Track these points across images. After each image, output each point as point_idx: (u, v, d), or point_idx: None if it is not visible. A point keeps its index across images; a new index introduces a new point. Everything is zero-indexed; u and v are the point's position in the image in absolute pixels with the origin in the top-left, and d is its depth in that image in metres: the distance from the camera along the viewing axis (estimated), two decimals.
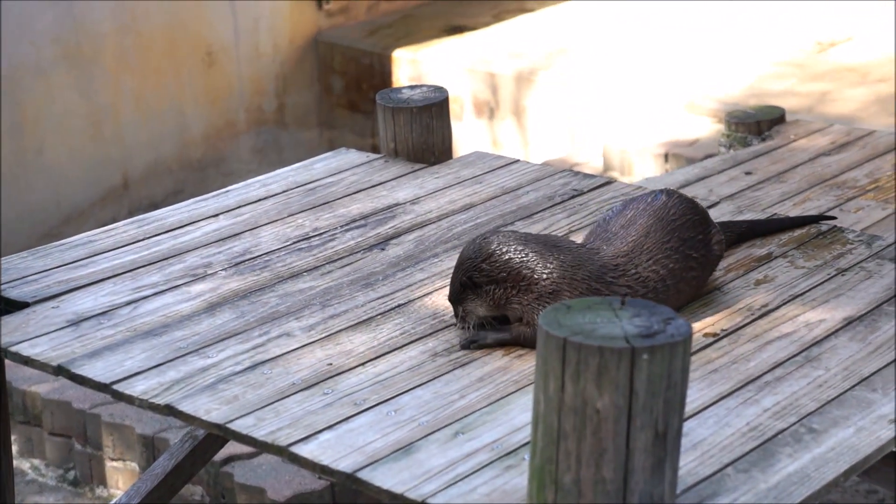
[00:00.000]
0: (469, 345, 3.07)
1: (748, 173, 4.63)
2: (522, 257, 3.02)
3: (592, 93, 7.31)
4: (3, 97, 7.19)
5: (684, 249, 3.10)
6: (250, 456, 5.01)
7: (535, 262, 3.01)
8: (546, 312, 2.42)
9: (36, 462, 5.61)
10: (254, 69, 8.20)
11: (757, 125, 5.06)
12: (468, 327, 3.10)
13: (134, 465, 5.25)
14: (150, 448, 5.20)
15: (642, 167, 6.58)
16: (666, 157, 6.53)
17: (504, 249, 3.03)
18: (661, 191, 3.22)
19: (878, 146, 4.81)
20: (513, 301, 3.03)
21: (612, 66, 7.53)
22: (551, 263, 3.01)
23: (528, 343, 3.03)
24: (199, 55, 7.96)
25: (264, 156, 8.29)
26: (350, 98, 8.36)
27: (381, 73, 8.16)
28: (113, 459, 5.34)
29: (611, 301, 2.44)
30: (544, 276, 3.00)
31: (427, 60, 7.95)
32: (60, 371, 3.09)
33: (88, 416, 5.39)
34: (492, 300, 3.04)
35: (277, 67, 8.29)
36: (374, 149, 8.25)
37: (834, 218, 3.64)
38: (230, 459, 4.99)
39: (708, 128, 6.85)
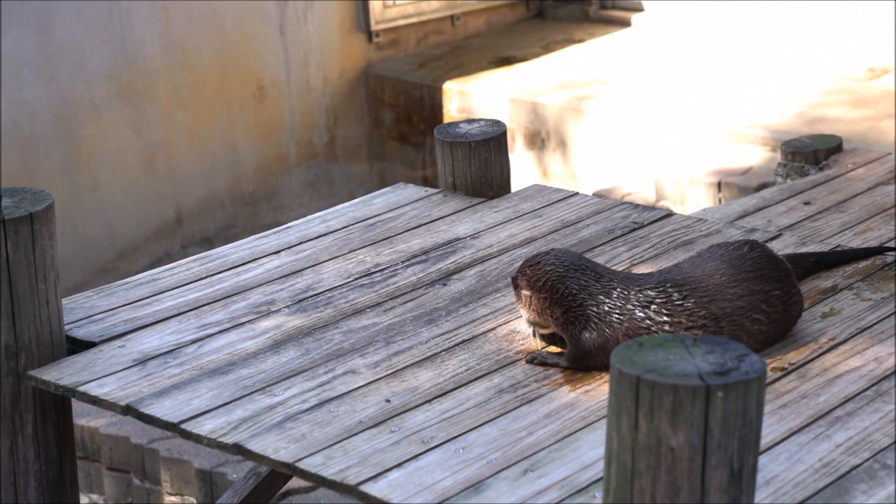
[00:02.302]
0: (532, 360, 3.17)
1: (807, 203, 4.60)
2: (561, 272, 3.11)
3: (640, 122, 7.30)
4: (57, 134, 7.26)
5: (753, 300, 3.09)
6: (308, 490, 5.01)
7: (570, 280, 3.10)
8: (618, 350, 2.41)
9: (94, 497, 5.63)
10: (304, 103, 8.24)
11: (814, 154, 5.03)
12: (532, 335, 3.22)
13: (192, 500, 5.26)
14: (208, 483, 5.21)
15: (695, 197, 6.56)
16: (719, 185, 6.51)
17: (550, 262, 3.14)
18: (747, 241, 3.22)
19: None
20: (546, 313, 3.13)
21: (658, 95, 7.52)
22: (584, 282, 3.09)
23: (573, 363, 3.11)
24: (250, 90, 8.01)
25: (315, 189, 8.33)
26: (400, 130, 8.39)
27: (430, 105, 8.18)
28: (171, 494, 5.35)
29: (683, 338, 2.43)
30: (574, 291, 3.08)
31: (477, 92, 7.97)
32: (129, 410, 3.10)
33: (146, 450, 5.41)
34: (530, 306, 3.17)
35: (328, 101, 8.32)
36: (425, 180, 8.26)
37: (893, 249, 3.61)
38: (288, 493, 5.00)
39: (759, 156, 6.83)
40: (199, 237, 7.88)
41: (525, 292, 3.17)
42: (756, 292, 3.10)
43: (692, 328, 3.02)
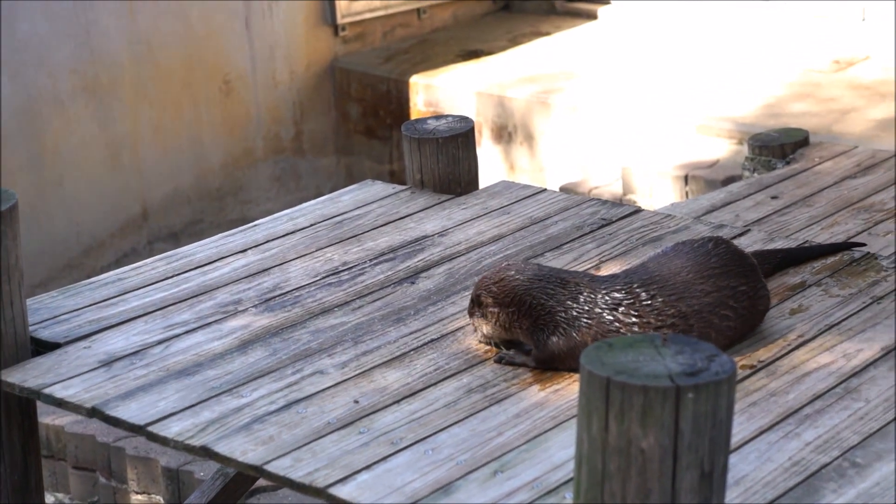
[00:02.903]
0: (500, 360, 3.16)
1: (774, 198, 4.61)
2: (527, 284, 3.11)
3: (607, 116, 7.30)
4: (22, 129, 7.20)
5: (720, 296, 3.08)
6: (275, 488, 4.99)
7: (536, 290, 3.10)
8: (587, 351, 2.40)
9: (60, 496, 5.59)
10: (271, 97, 8.20)
11: (780, 148, 5.04)
12: (493, 345, 3.21)
13: (159, 499, 5.23)
14: (175, 481, 5.18)
15: (663, 190, 6.56)
16: (686, 179, 6.52)
17: (515, 277, 3.13)
18: (712, 238, 3.22)
19: None
20: (514, 326, 3.13)
21: (625, 88, 7.52)
22: (551, 290, 3.08)
23: (540, 365, 3.11)
24: (216, 84, 7.97)
25: (282, 184, 8.29)
26: (367, 124, 8.36)
27: (397, 99, 8.15)
28: (138, 493, 5.31)
29: (653, 338, 2.42)
30: (542, 301, 3.09)
31: (443, 86, 7.95)
32: (94, 413, 3.07)
33: (112, 449, 5.37)
34: (497, 322, 3.16)
35: (294, 95, 8.29)
36: (392, 174, 8.24)
37: (864, 245, 3.61)
38: (255, 492, 4.97)
39: (725, 148, 6.83)
40: (165, 233, 7.83)
41: (492, 309, 3.16)
42: (723, 288, 3.10)
43: (661, 327, 3.01)
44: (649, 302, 3.04)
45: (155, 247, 7.77)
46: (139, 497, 5.31)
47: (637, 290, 3.06)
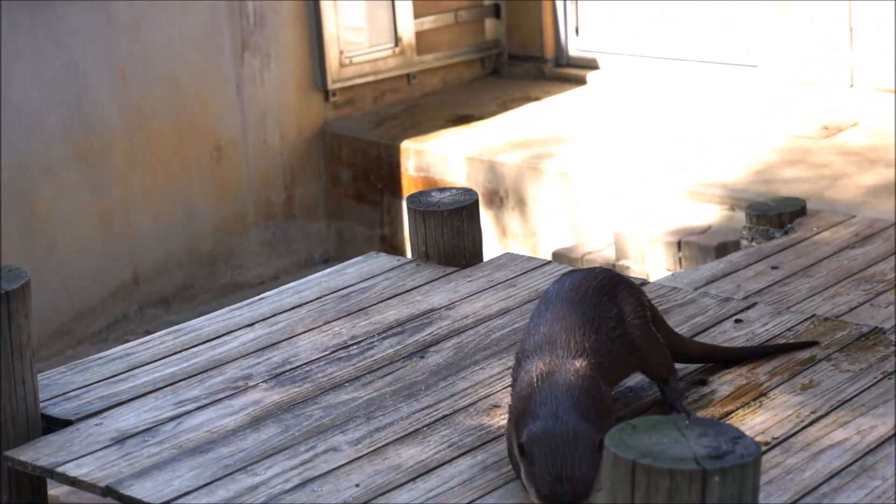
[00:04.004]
0: None
1: (774, 268, 4.63)
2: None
3: (598, 181, 7.34)
4: (12, 196, 7.20)
5: (596, 317, 3.11)
6: None
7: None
8: (612, 433, 2.41)
9: None
10: (261, 162, 8.22)
11: (778, 217, 5.07)
12: None
13: None
14: None
15: (656, 255, 6.59)
16: (679, 244, 6.55)
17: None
18: (560, 277, 3.25)
19: None
20: None
21: (616, 153, 7.56)
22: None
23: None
24: (207, 150, 7.98)
25: (273, 248, 8.30)
26: (358, 189, 8.38)
27: (388, 164, 8.18)
28: None
29: (676, 420, 2.43)
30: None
31: (434, 151, 7.98)
32: (109, 492, 3.07)
33: None
34: None
35: (285, 160, 8.31)
36: (383, 239, 8.25)
37: (816, 343, 3.56)
38: None
39: (717, 214, 6.87)
40: (156, 298, 7.82)
41: None
42: (595, 307, 3.13)
43: (601, 366, 3.05)
44: (574, 359, 3.05)
45: (146, 312, 7.75)
46: None
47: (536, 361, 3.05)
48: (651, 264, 6.59)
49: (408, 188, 8.07)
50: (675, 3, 8.54)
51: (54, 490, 5.51)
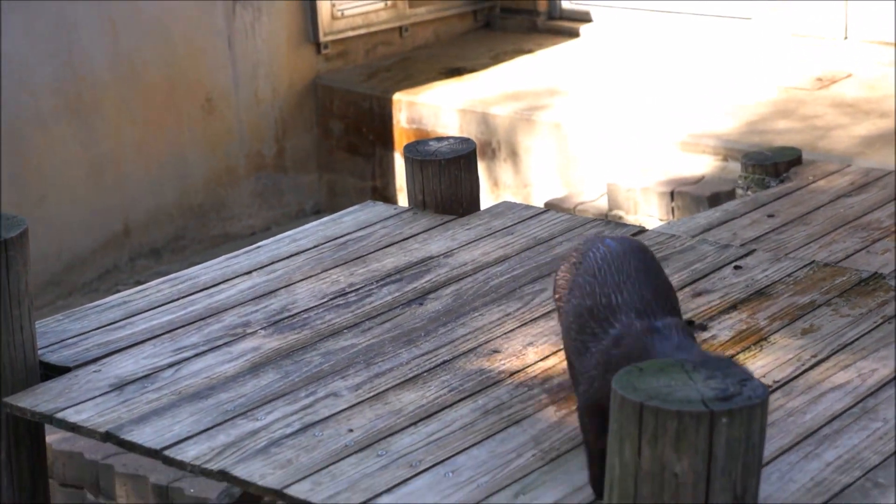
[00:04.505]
0: None
1: (771, 216, 4.62)
2: None
3: (591, 132, 7.31)
4: (3, 149, 7.16)
5: (666, 279, 2.92)
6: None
7: None
8: (619, 376, 2.40)
9: None
10: (253, 115, 8.18)
11: (774, 166, 5.06)
12: None
13: None
14: (165, 497, 5.15)
15: (648, 206, 6.58)
16: (672, 195, 6.53)
17: None
18: (593, 245, 2.95)
19: None
20: None
21: (609, 105, 7.54)
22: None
23: None
24: (198, 102, 7.94)
25: (264, 200, 8.27)
26: (349, 141, 8.35)
27: (380, 116, 8.15)
28: None
29: (683, 363, 2.43)
30: None
31: (426, 103, 7.95)
32: (109, 437, 3.06)
33: (101, 466, 5.34)
34: None
35: (276, 112, 8.27)
36: (375, 191, 8.23)
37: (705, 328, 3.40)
38: None
39: (710, 165, 6.85)
40: (147, 249, 7.80)
41: None
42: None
43: None
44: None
45: (137, 263, 7.74)
46: None
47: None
48: (644, 215, 6.58)
49: (400, 140, 8.04)
50: None
51: (48, 437, 5.51)
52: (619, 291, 2.80)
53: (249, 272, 3.87)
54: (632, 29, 8.63)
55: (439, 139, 4.23)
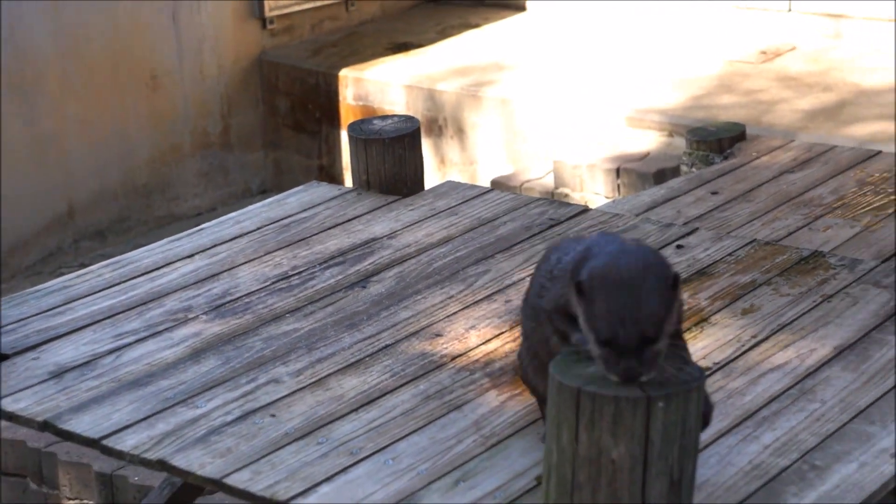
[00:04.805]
0: None
1: (714, 193, 4.63)
2: None
3: (537, 108, 7.31)
4: None
5: None
6: (212, 491, 4.94)
7: None
8: (556, 361, 2.41)
9: None
10: (198, 91, 8.12)
11: (718, 143, 5.07)
12: None
13: None
14: (109, 486, 5.11)
15: (595, 183, 6.58)
16: (618, 171, 6.54)
17: None
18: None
19: (840, 162, 4.84)
20: None
21: (555, 80, 7.53)
22: None
23: None
24: (142, 79, 7.87)
25: (210, 179, 8.22)
26: (296, 118, 8.31)
27: (326, 93, 8.11)
28: (70, 499, 5.25)
29: None
30: None
31: (373, 79, 7.91)
32: (47, 427, 3.03)
33: (44, 454, 5.30)
34: None
35: (222, 88, 8.22)
36: (321, 169, 8.20)
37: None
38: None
39: (655, 141, 6.87)
40: (92, 230, 7.74)
41: None
42: None
43: None
44: None
45: (81, 245, 7.67)
46: (72, 503, 5.24)
47: None
48: (590, 192, 6.59)
49: (346, 117, 8.01)
50: None
51: None
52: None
53: (192, 255, 3.84)
54: (578, 2, 8.62)
55: (383, 118, 4.21)
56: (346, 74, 8.03)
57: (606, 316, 2.33)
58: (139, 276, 3.72)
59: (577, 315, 2.41)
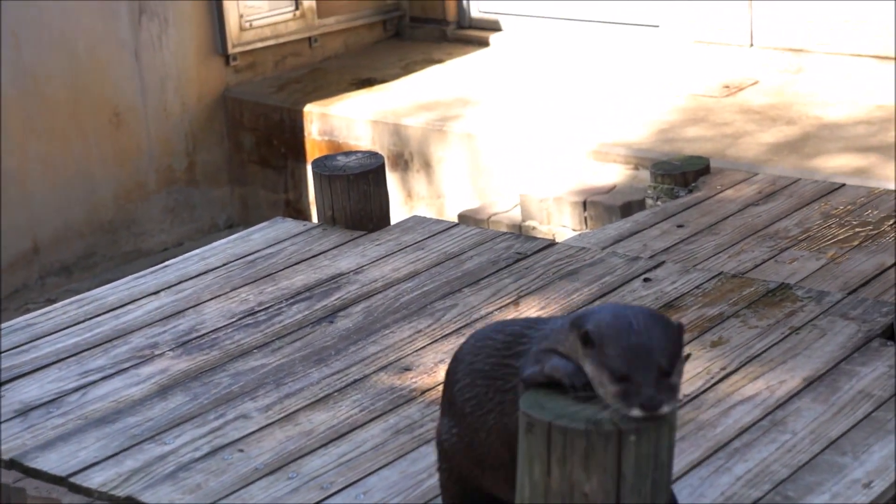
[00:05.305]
0: None
1: (680, 226, 4.64)
2: None
3: (503, 142, 7.32)
4: None
5: None
6: None
7: None
8: (526, 396, 2.39)
9: None
10: (162, 129, 8.09)
11: (683, 176, 5.08)
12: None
13: None
14: None
15: (561, 216, 6.59)
16: (584, 204, 6.56)
17: None
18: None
19: (804, 195, 4.86)
20: None
21: (520, 115, 7.55)
22: None
23: None
24: (105, 116, 7.84)
25: (176, 215, 8.19)
26: (261, 154, 8.29)
27: (291, 128, 8.10)
28: None
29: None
30: None
31: (338, 114, 7.91)
32: (13, 465, 3.01)
33: (13, 490, 5.23)
34: None
35: (186, 126, 8.19)
36: (288, 203, 8.18)
37: None
38: None
39: (621, 174, 6.89)
40: (57, 267, 7.69)
41: None
42: None
43: None
44: None
45: (47, 281, 7.62)
46: None
47: None
48: (557, 224, 6.60)
49: (312, 152, 8.00)
50: None
51: None
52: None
53: (157, 292, 3.82)
54: (541, 37, 8.65)
55: (347, 153, 4.21)
56: (311, 110, 8.03)
57: (622, 354, 2.30)
58: (104, 312, 3.70)
59: (583, 365, 2.36)
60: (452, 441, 2.61)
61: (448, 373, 2.67)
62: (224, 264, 3.98)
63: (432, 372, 3.28)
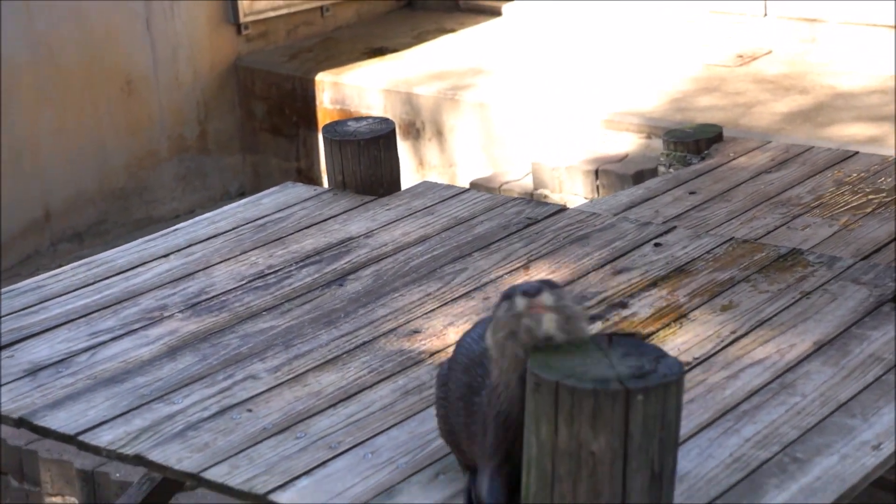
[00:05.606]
0: None
1: (692, 193, 4.63)
2: None
3: (515, 111, 7.31)
4: None
5: None
6: (194, 487, 4.93)
7: None
8: (535, 356, 2.39)
9: None
10: (174, 97, 8.09)
11: (695, 144, 5.06)
12: None
13: (74, 501, 5.14)
14: (90, 483, 5.09)
15: (573, 184, 6.58)
16: (596, 173, 6.54)
17: None
18: None
19: (817, 162, 4.84)
20: None
21: (532, 84, 7.53)
22: None
23: None
24: (117, 85, 7.84)
25: (188, 183, 8.19)
26: (273, 122, 8.29)
27: (303, 97, 8.09)
28: (52, 495, 5.22)
29: (598, 341, 2.42)
30: None
31: (350, 83, 7.90)
32: (22, 423, 3.01)
33: (24, 451, 5.27)
34: None
35: (198, 94, 8.19)
36: (299, 172, 8.18)
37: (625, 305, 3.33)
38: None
39: (633, 143, 6.87)
40: (69, 234, 7.70)
41: None
42: None
43: None
44: None
45: (59, 248, 7.64)
46: (53, 499, 5.22)
47: None
48: (568, 193, 6.58)
49: (323, 121, 7.99)
50: None
51: None
52: None
53: (167, 255, 3.82)
54: (554, 7, 8.62)
55: (358, 119, 4.20)
56: (323, 79, 8.01)
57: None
58: (114, 275, 3.70)
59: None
60: (442, 386, 2.71)
61: (454, 352, 2.70)
62: (234, 228, 3.98)
63: (441, 334, 3.27)
